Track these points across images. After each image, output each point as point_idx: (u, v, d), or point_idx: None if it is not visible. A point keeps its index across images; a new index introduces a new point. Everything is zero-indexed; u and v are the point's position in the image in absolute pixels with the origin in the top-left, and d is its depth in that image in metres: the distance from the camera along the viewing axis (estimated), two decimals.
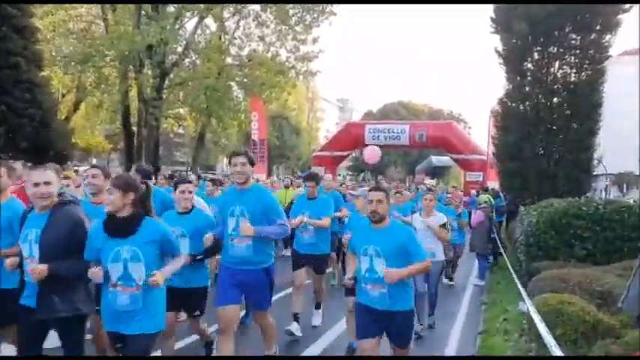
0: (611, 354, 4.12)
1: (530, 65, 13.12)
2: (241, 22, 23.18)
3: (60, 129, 17.91)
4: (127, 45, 19.23)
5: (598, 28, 12.42)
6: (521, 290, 6.18)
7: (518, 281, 6.87)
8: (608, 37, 12.48)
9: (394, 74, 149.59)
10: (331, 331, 6.38)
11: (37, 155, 15.64)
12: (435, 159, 35.44)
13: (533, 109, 12.94)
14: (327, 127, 67.48)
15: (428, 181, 28.06)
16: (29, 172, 3.68)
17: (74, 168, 16.79)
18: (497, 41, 13.54)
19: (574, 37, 12.70)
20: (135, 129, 23.01)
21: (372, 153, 21.76)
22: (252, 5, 22.32)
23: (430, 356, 5.74)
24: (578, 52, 12.67)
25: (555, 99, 12.98)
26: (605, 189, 44.11)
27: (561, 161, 12.66)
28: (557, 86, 12.92)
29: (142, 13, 20.79)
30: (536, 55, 12.99)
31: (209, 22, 23.70)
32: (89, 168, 4.84)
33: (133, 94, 22.74)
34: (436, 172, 42.37)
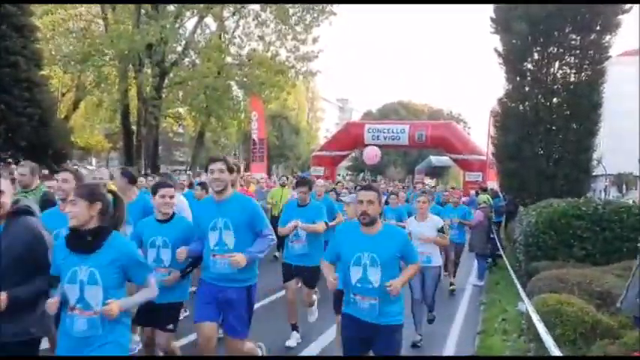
0: (610, 354, 4.12)
1: (530, 65, 13.11)
2: (241, 22, 23.23)
3: (59, 128, 17.93)
4: (126, 44, 19.24)
5: (598, 28, 12.42)
6: (520, 290, 6.18)
7: (517, 281, 6.87)
8: (608, 37, 12.48)
9: (394, 74, 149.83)
10: (331, 331, 6.36)
11: (36, 154, 15.66)
12: (435, 159, 35.40)
13: (532, 109, 12.93)
14: (327, 126, 67.54)
15: (427, 181, 28.05)
16: None
17: (73, 167, 16.85)
18: (497, 41, 13.56)
19: (574, 37, 12.69)
20: (134, 128, 23.03)
21: (372, 154, 21.75)
22: (252, 5, 22.34)
23: (429, 356, 5.74)
24: (577, 52, 12.66)
25: (555, 99, 12.97)
26: (605, 189, 44.22)
27: (561, 161, 12.66)
28: (556, 86, 12.92)
29: (142, 12, 20.80)
30: (536, 56, 12.98)
31: (209, 21, 23.75)
32: (60, 171, 4.49)
33: (132, 93, 22.75)
34: (435, 172, 42.44)
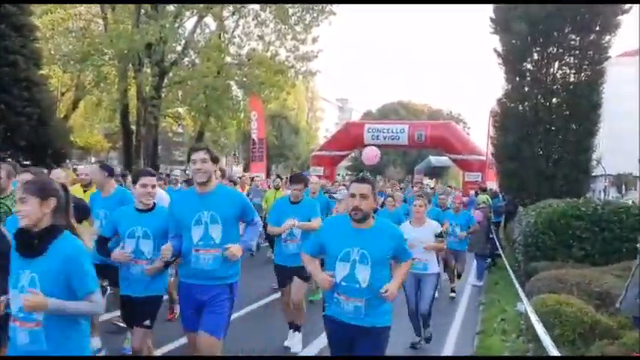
0: (609, 355, 4.12)
1: (530, 66, 13.12)
2: (241, 21, 23.18)
3: (58, 127, 17.92)
4: (126, 43, 19.22)
5: (597, 28, 12.43)
6: (519, 290, 6.17)
7: (516, 282, 6.86)
8: (607, 37, 12.49)
9: (394, 74, 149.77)
10: None
11: (36, 154, 15.66)
12: (434, 159, 35.38)
13: (532, 109, 12.93)
14: (327, 126, 67.51)
15: (427, 182, 28.01)
16: None
17: (73, 167, 16.83)
18: (496, 41, 13.56)
19: (573, 37, 12.70)
20: (134, 128, 23.00)
21: (371, 154, 21.70)
22: (252, 4, 22.32)
23: (428, 356, 5.73)
24: (577, 52, 12.68)
25: (554, 99, 12.98)
26: (604, 190, 44.21)
27: (560, 162, 12.67)
28: (556, 87, 12.93)
29: (142, 11, 20.78)
30: (536, 56, 12.99)
31: (208, 20, 23.70)
32: (22, 172, 4.17)
33: (132, 92, 22.72)
34: (435, 172, 42.37)
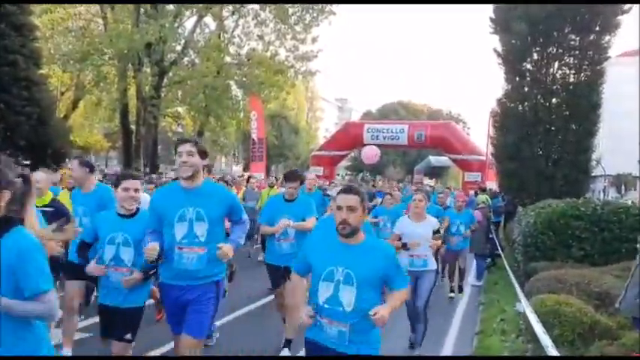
0: (608, 355, 4.12)
1: (530, 66, 13.12)
2: (240, 21, 23.21)
3: (58, 127, 17.88)
4: (125, 43, 19.22)
5: (597, 29, 12.44)
6: (519, 291, 6.17)
7: (515, 282, 6.85)
8: (607, 38, 12.50)
9: (393, 74, 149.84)
10: None
11: (35, 153, 15.63)
12: (434, 159, 35.38)
13: (532, 109, 12.93)
14: (326, 126, 67.53)
15: (426, 182, 28.02)
16: None
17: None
18: (496, 41, 13.57)
19: (573, 37, 12.71)
20: (133, 127, 23.00)
21: (371, 153, 21.72)
22: (251, 4, 22.32)
23: (427, 356, 5.72)
24: (577, 52, 12.68)
25: (554, 100, 12.99)
26: (604, 190, 44.22)
27: (560, 162, 12.67)
28: (556, 87, 12.93)
29: (141, 11, 20.78)
30: (536, 56, 12.99)
31: (208, 20, 23.71)
32: None
33: (131, 92, 22.73)
34: (435, 172, 42.40)
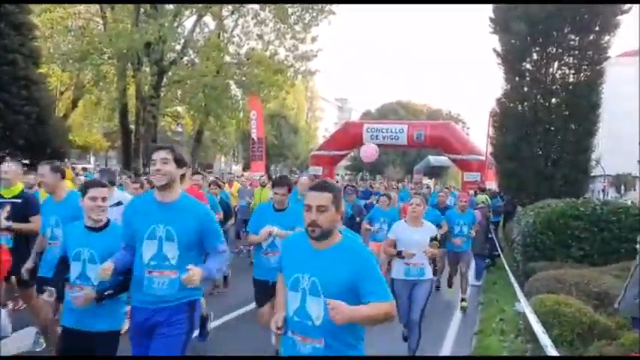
0: (607, 355, 4.11)
1: (529, 66, 13.10)
2: (240, 21, 23.19)
3: (57, 126, 17.90)
4: (125, 43, 19.21)
5: (597, 29, 12.41)
6: (518, 291, 6.16)
7: (514, 282, 6.85)
8: (607, 38, 12.47)
9: (393, 74, 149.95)
10: None
11: (34, 153, 15.62)
12: (433, 159, 35.35)
13: (531, 109, 12.91)
14: (326, 126, 67.58)
15: (426, 181, 27.98)
16: None
17: (71, 166, 16.82)
18: (496, 41, 13.55)
19: (573, 37, 12.68)
20: (133, 127, 22.99)
21: (370, 151, 21.63)
22: (251, 4, 22.32)
23: (426, 356, 5.71)
24: (577, 52, 12.66)
25: (554, 99, 12.97)
26: (603, 190, 44.24)
27: (559, 162, 12.65)
28: (555, 87, 12.91)
29: (141, 10, 20.77)
30: (535, 56, 12.97)
31: (208, 20, 23.70)
32: None
33: (131, 92, 22.73)
34: (434, 172, 42.37)
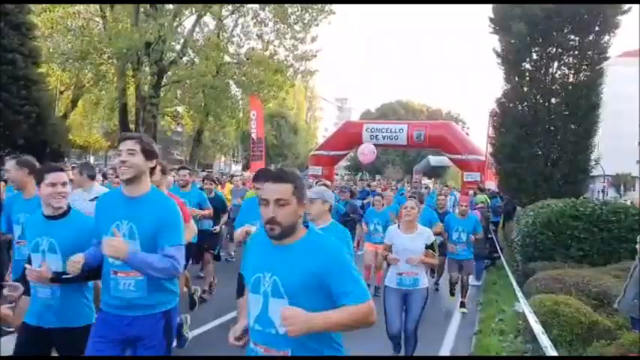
0: (607, 355, 4.11)
1: (529, 66, 13.10)
2: (240, 20, 23.16)
3: (57, 126, 17.92)
4: (125, 42, 19.18)
5: (597, 29, 12.42)
6: (517, 291, 6.16)
7: (514, 282, 6.85)
8: (606, 38, 12.48)
9: (393, 74, 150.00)
10: None
11: (34, 152, 15.61)
12: (433, 159, 35.32)
13: (531, 109, 12.91)
14: (326, 126, 67.68)
15: (425, 181, 27.97)
16: None
17: (72, 165, 16.80)
18: (496, 41, 13.55)
19: (573, 37, 12.69)
20: (132, 127, 22.96)
21: (367, 151, 21.48)
22: (251, 4, 22.31)
23: (425, 356, 5.71)
24: (576, 52, 12.67)
25: (553, 100, 12.97)
26: (603, 190, 44.22)
27: (559, 162, 12.65)
28: (555, 87, 12.92)
29: (141, 10, 20.74)
30: (535, 56, 12.97)
31: (207, 19, 23.67)
32: None
33: (130, 91, 22.69)
34: (434, 172, 42.35)
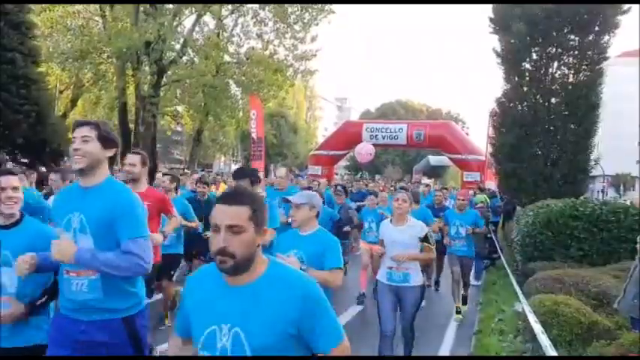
0: (606, 355, 4.11)
1: (529, 66, 13.10)
2: (239, 20, 23.15)
3: (56, 125, 17.93)
4: (124, 42, 19.16)
5: (597, 29, 12.42)
6: (517, 290, 6.16)
7: (514, 281, 6.85)
8: (606, 38, 12.48)
9: (393, 74, 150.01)
10: None
11: (33, 152, 15.63)
12: (433, 159, 35.34)
13: (531, 109, 12.91)
14: (325, 125, 67.68)
15: (425, 181, 27.98)
16: None
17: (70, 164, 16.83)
18: (495, 41, 13.54)
19: (572, 37, 12.69)
20: (132, 126, 22.95)
21: (365, 151, 21.42)
22: (251, 3, 22.30)
23: (425, 356, 5.71)
24: (576, 52, 12.66)
25: (553, 99, 12.96)
26: (603, 190, 44.23)
27: (559, 162, 12.65)
28: (555, 87, 12.91)
29: (140, 9, 20.73)
30: (535, 56, 12.97)
31: (207, 19, 23.65)
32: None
33: (130, 91, 22.67)
34: (434, 172, 42.38)
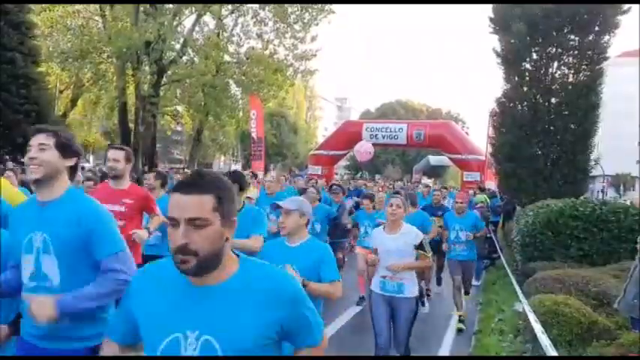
0: (606, 355, 4.11)
1: (529, 66, 13.10)
2: (239, 20, 23.17)
3: (56, 125, 17.90)
4: (124, 41, 19.17)
5: (597, 29, 12.42)
6: (517, 290, 6.16)
7: (514, 281, 6.85)
8: (606, 38, 12.48)
9: (393, 73, 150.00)
10: (329, 328, 6.34)
11: None
12: (433, 159, 35.31)
13: (530, 109, 12.92)
14: (325, 125, 67.67)
15: (425, 181, 27.97)
16: None
17: None
18: (495, 41, 13.55)
19: (572, 37, 12.69)
20: (132, 126, 22.96)
21: (364, 151, 21.35)
22: (250, 3, 22.31)
23: (424, 356, 5.71)
24: (576, 52, 12.67)
25: (553, 99, 12.97)
26: (602, 190, 44.23)
27: (559, 162, 12.65)
28: (555, 87, 12.92)
29: (140, 9, 20.73)
30: (535, 56, 12.97)
31: (207, 19, 23.66)
32: None
33: (130, 90, 22.69)
34: (434, 171, 42.37)
